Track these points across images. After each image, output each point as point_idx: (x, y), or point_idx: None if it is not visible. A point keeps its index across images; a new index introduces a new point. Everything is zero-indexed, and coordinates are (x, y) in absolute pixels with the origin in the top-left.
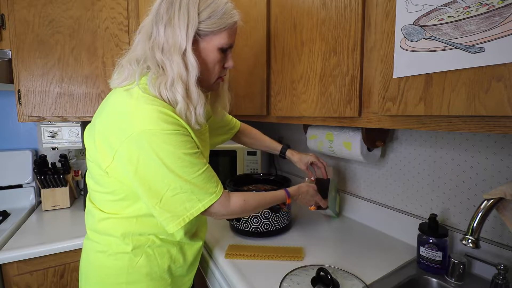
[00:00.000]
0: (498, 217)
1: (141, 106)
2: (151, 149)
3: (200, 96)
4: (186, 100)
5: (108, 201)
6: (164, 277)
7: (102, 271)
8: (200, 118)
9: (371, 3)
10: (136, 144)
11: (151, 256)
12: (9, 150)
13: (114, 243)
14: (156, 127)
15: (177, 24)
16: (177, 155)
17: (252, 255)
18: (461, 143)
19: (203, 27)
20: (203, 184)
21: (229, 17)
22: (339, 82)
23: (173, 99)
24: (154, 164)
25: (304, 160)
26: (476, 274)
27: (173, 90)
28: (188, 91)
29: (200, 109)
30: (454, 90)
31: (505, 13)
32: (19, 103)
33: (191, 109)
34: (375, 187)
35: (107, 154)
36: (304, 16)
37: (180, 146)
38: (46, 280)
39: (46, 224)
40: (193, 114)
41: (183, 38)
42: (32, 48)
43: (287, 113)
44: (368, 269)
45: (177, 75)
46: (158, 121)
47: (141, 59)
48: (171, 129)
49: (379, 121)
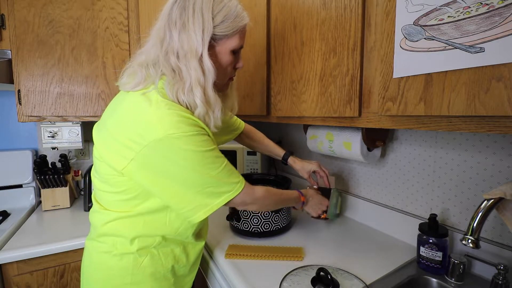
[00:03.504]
0: (498, 217)
1: (161, 111)
2: (175, 152)
3: (217, 99)
4: (205, 105)
5: (118, 201)
6: (168, 277)
7: (106, 272)
8: (218, 121)
9: (371, 3)
10: (160, 149)
11: (156, 256)
12: (9, 150)
13: (120, 243)
14: (178, 131)
15: (192, 29)
16: (201, 153)
17: (252, 255)
18: (461, 143)
19: (217, 31)
20: (227, 176)
21: (241, 20)
22: (339, 82)
23: (192, 103)
24: (179, 167)
25: (307, 168)
26: (476, 274)
27: (192, 95)
28: (206, 95)
29: (218, 112)
30: (454, 90)
31: (505, 13)
32: (19, 103)
33: (209, 113)
34: (375, 187)
35: (123, 157)
36: (304, 16)
37: (202, 145)
38: (46, 280)
39: (46, 224)
40: (212, 117)
41: (199, 43)
42: (32, 48)
43: (287, 113)
44: (368, 269)
45: (195, 80)
46: (180, 125)
47: (155, 63)
48: (193, 130)
49: (379, 121)
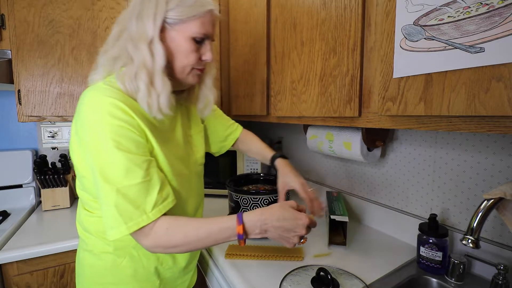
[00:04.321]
0: (498, 217)
1: (95, 96)
2: (97, 139)
3: (165, 85)
4: (149, 87)
5: (88, 200)
6: (152, 279)
7: (90, 269)
8: (163, 106)
9: (371, 3)
10: (82, 132)
11: (135, 257)
12: (9, 150)
13: (98, 242)
14: (102, 118)
15: (146, 14)
16: (113, 150)
17: (252, 255)
18: (461, 143)
19: (171, 15)
20: (140, 195)
21: (201, 6)
22: (339, 82)
23: (136, 87)
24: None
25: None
26: (476, 274)
27: (137, 78)
28: (153, 79)
29: (164, 97)
30: (454, 90)
31: (505, 13)
32: (19, 103)
33: (153, 96)
34: (375, 187)
35: (74, 151)
36: (304, 16)
37: (121, 140)
38: (46, 280)
39: (46, 224)
40: (155, 101)
41: (149, 26)
42: (32, 48)
43: (287, 113)
44: (368, 269)
45: (142, 63)
46: (106, 112)
47: (116, 57)
48: (119, 123)
49: (379, 121)
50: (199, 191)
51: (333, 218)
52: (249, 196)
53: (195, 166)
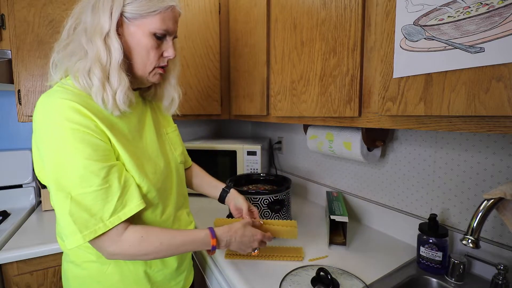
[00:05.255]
0: (498, 217)
1: (48, 102)
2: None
3: (122, 80)
4: (105, 83)
5: None
6: (142, 282)
7: (75, 281)
8: (120, 103)
9: (371, 3)
10: (39, 141)
11: (120, 262)
12: (9, 150)
13: (78, 252)
14: (56, 122)
15: (102, 7)
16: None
17: (252, 255)
18: (461, 143)
19: (129, 9)
20: (98, 202)
21: (161, 1)
22: (339, 82)
23: (89, 83)
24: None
25: (237, 203)
26: (476, 274)
27: (91, 73)
28: (108, 74)
29: (120, 93)
30: (454, 90)
31: (505, 13)
32: (19, 103)
33: (108, 91)
34: (375, 187)
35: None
36: (304, 16)
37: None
38: (46, 280)
39: (46, 224)
40: (110, 97)
41: (106, 20)
42: (32, 48)
43: (287, 113)
44: (368, 269)
45: (96, 58)
46: (61, 116)
47: (73, 50)
48: (75, 126)
49: (379, 121)
50: (181, 190)
51: (333, 218)
52: (249, 196)
53: (175, 164)
